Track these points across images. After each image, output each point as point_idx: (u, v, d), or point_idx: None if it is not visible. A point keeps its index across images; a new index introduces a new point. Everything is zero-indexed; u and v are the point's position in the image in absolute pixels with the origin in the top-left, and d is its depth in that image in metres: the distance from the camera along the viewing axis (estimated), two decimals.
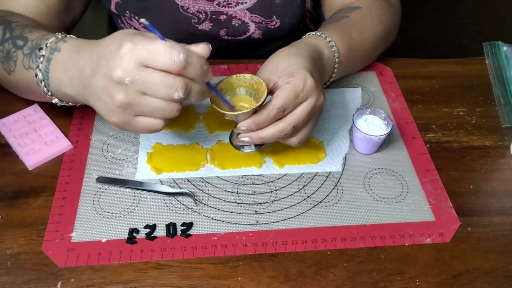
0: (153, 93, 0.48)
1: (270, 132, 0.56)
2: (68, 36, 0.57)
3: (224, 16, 0.78)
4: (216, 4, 0.76)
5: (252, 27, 0.80)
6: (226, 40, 0.83)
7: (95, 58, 0.50)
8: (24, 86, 0.62)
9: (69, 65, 0.54)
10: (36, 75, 0.57)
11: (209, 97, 0.54)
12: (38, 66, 0.56)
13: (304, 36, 0.68)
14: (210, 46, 0.50)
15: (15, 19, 0.63)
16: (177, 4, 0.76)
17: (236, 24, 0.80)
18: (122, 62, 0.47)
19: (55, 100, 0.59)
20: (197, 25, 0.79)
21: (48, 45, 0.56)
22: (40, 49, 0.57)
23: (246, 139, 0.57)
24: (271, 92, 0.58)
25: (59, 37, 0.57)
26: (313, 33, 0.68)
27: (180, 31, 0.79)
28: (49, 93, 0.58)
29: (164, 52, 0.46)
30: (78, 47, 0.54)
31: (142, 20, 0.48)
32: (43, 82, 0.57)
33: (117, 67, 0.47)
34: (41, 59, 0.56)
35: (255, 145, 0.61)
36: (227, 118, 0.58)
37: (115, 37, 0.49)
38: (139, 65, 0.47)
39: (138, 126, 0.51)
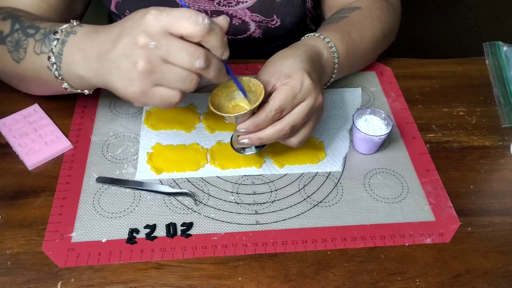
0: (175, 60, 0.48)
1: (268, 133, 0.56)
2: (83, 24, 0.58)
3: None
4: (217, 3, 0.76)
5: (252, 26, 0.80)
6: (226, 39, 0.82)
7: (115, 33, 0.51)
8: (33, 75, 0.62)
9: (85, 44, 0.54)
10: (49, 57, 0.57)
11: (225, 80, 0.54)
12: (51, 50, 0.56)
13: (303, 37, 0.68)
14: (228, 19, 0.51)
15: (22, 14, 0.63)
16: (176, 3, 0.76)
17: (237, 23, 0.80)
18: (147, 27, 0.47)
19: (65, 85, 0.59)
20: None
21: (63, 29, 0.57)
22: (55, 33, 0.57)
23: (245, 140, 0.57)
24: (270, 94, 0.58)
25: (75, 23, 0.57)
26: (312, 34, 0.68)
27: None
28: (60, 77, 0.58)
29: (189, 17, 0.47)
30: (95, 29, 0.55)
31: None
32: (55, 65, 0.57)
33: (142, 32, 0.47)
34: (55, 42, 0.56)
35: (256, 147, 0.61)
36: (226, 121, 0.58)
37: (138, 11, 0.50)
38: (163, 30, 0.47)
39: (156, 96, 0.51)
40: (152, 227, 0.58)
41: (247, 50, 0.87)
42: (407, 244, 0.58)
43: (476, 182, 0.65)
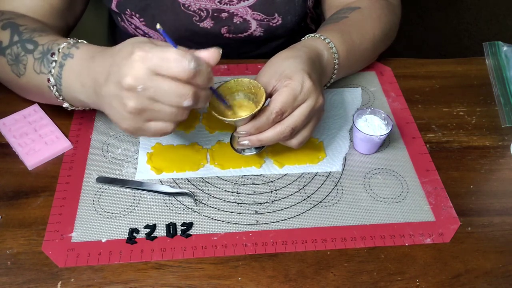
0: (164, 101, 0.49)
1: (269, 134, 0.56)
2: (80, 41, 0.58)
3: (226, 14, 0.78)
4: (218, 2, 0.76)
5: (253, 25, 0.80)
6: (227, 38, 0.83)
7: (107, 65, 0.51)
8: (34, 89, 0.62)
9: (82, 72, 0.54)
10: (49, 80, 0.57)
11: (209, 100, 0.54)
12: (50, 71, 0.57)
13: (303, 38, 0.68)
14: (221, 51, 0.50)
15: (22, 22, 0.63)
16: (178, 1, 0.76)
17: (238, 22, 0.80)
18: (133, 69, 0.47)
19: (65, 105, 0.60)
20: (198, 23, 0.79)
21: (60, 50, 0.57)
22: (53, 54, 0.57)
23: (246, 142, 0.57)
24: (270, 95, 0.58)
25: (71, 42, 0.57)
26: (312, 35, 0.68)
27: (181, 28, 0.79)
28: (61, 98, 0.59)
29: (174, 60, 0.47)
30: (91, 54, 0.55)
31: (158, 26, 0.48)
32: (55, 87, 0.58)
33: (128, 75, 0.47)
34: (54, 64, 0.56)
35: (255, 148, 0.61)
36: (227, 122, 0.58)
37: (126, 45, 0.50)
38: (150, 72, 0.47)
39: (150, 131, 0.52)
40: (152, 227, 0.58)
41: (247, 49, 0.87)
42: (407, 244, 0.58)
43: (476, 182, 0.65)
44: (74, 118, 0.69)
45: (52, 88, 0.58)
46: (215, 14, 0.78)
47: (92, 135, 0.67)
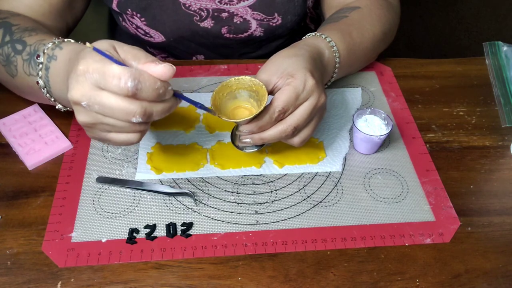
0: (112, 116, 0.47)
1: (271, 133, 0.56)
2: (65, 41, 0.56)
3: (226, 14, 0.78)
4: (218, 2, 0.76)
5: (253, 24, 0.80)
6: (227, 38, 0.83)
7: (70, 73, 0.49)
8: (28, 90, 0.62)
9: (64, 74, 0.53)
10: (38, 82, 0.57)
11: (177, 106, 0.51)
12: (38, 74, 0.56)
13: (304, 37, 0.68)
14: (174, 68, 0.47)
15: (15, 22, 0.62)
16: (179, 1, 0.76)
17: (238, 22, 0.80)
18: (77, 84, 0.46)
19: (58, 106, 0.59)
20: (199, 23, 0.79)
21: (45, 51, 0.56)
22: (38, 56, 0.56)
23: (248, 140, 0.57)
24: (271, 92, 0.58)
25: (56, 42, 0.56)
26: (313, 33, 0.68)
27: (182, 28, 0.79)
28: (52, 99, 0.58)
29: (113, 77, 0.44)
30: (70, 56, 0.53)
31: (88, 44, 0.46)
32: (45, 89, 0.57)
33: (73, 89, 0.46)
34: (40, 66, 0.56)
35: (256, 145, 0.61)
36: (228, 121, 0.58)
37: (79, 56, 0.47)
38: (94, 87, 0.45)
39: (115, 141, 0.50)
40: (152, 227, 0.58)
41: (248, 50, 0.87)
42: (407, 244, 0.58)
43: (476, 182, 0.65)
44: (74, 118, 0.69)
45: (43, 90, 0.57)
46: (216, 14, 0.78)
47: None
